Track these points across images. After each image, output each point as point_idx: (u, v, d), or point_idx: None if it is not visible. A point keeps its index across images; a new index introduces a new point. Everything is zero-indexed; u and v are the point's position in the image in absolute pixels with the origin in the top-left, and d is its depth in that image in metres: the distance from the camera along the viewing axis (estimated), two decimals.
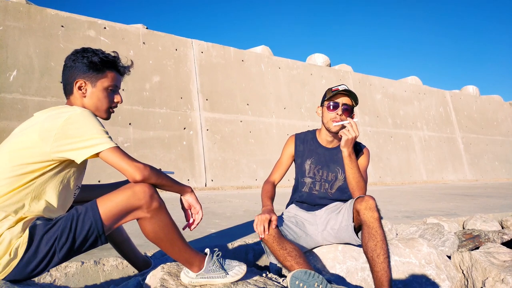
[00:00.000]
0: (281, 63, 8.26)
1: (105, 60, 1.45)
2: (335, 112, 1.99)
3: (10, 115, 5.02)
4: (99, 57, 1.44)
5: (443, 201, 5.09)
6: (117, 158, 1.27)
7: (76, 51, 1.45)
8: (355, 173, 1.92)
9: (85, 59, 1.42)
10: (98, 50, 1.46)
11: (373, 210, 1.74)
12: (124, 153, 1.30)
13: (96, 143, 1.26)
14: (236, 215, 3.48)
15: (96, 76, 1.43)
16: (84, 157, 1.26)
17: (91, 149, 1.25)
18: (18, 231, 1.21)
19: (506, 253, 2.20)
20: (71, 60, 1.43)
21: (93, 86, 1.44)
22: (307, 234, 1.99)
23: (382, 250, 1.69)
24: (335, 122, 1.99)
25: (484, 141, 11.79)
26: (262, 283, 1.58)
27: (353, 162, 1.91)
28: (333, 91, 2.00)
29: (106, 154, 1.26)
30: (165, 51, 6.72)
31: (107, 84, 1.46)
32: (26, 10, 5.53)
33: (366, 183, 2.03)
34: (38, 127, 1.27)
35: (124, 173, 1.28)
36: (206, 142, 6.67)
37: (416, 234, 2.85)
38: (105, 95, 1.46)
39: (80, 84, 1.42)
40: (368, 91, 9.64)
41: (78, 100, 1.43)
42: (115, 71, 1.49)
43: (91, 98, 1.44)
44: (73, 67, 1.42)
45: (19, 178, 1.25)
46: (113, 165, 1.28)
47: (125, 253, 1.79)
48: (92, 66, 1.42)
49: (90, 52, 1.44)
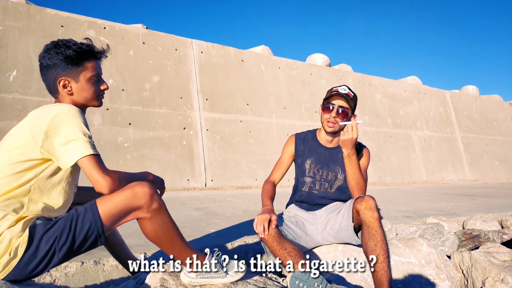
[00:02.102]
0: (281, 63, 8.26)
1: (80, 51, 1.40)
2: (330, 114, 2.00)
3: (10, 115, 5.02)
4: (73, 49, 1.38)
5: (443, 201, 5.09)
6: (90, 167, 1.25)
7: (48, 48, 1.39)
8: (355, 173, 1.92)
9: (60, 55, 1.37)
10: (70, 42, 1.40)
11: (373, 210, 1.74)
12: (98, 162, 1.27)
13: (75, 149, 1.24)
14: (236, 215, 3.48)
15: (76, 70, 1.39)
16: (66, 166, 1.27)
17: (70, 157, 1.24)
18: (18, 231, 1.21)
19: (506, 253, 2.20)
20: (46, 58, 1.38)
21: (77, 81, 1.40)
22: (307, 234, 1.99)
23: (382, 250, 1.69)
24: (330, 122, 2.00)
25: (484, 141, 11.80)
26: (262, 283, 1.58)
27: (352, 163, 1.91)
28: (332, 92, 2.01)
29: (82, 161, 1.25)
30: (165, 51, 6.71)
31: (89, 75, 1.42)
32: (26, 10, 5.53)
33: (366, 183, 2.03)
34: (29, 125, 1.28)
35: (93, 183, 1.27)
36: (206, 142, 6.67)
37: (416, 234, 2.85)
38: (90, 85, 1.43)
39: (64, 83, 1.39)
40: (368, 91, 9.64)
41: (66, 98, 1.41)
42: (93, 60, 1.44)
43: (78, 93, 1.41)
44: (50, 65, 1.37)
45: (17, 176, 1.25)
46: (85, 172, 1.27)
47: (118, 255, 1.78)
48: (69, 61, 1.38)
49: (62, 47, 1.38)
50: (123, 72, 6.05)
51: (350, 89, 2.02)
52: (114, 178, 1.29)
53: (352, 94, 2.01)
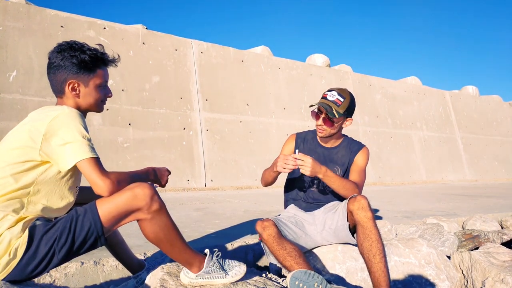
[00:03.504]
0: (280, 63, 8.26)
1: (95, 58, 1.42)
2: (317, 121, 2.02)
3: (9, 115, 5.02)
4: (88, 55, 1.39)
5: (442, 201, 5.09)
6: (89, 170, 1.25)
7: (62, 48, 1.39)
8: (338, 186, 1.88)
9: (74, 58, 1.37)
10: (84, 46, 1.42)
11: (366, 209, 1.73)
12: (97, 165, 1.27)
13: (74, 151, 1.24)
14: (236, 216, 3.48)
15: (88, 75, 1.41)
16: (65, 169, 1.26)
17: (69, 160, 1.24)
18: (18, 231, 1.21)
19: (505, 253, 2.20)
20: (58, 58, 1.38)
21: (86, 86, 1.41)
22: (307, 234, 1.99)
23: (377, 250, 1.68)
24: (319, 129, 2.03)
25: (483, 141, 11.79)
26: (262, 283, 1.58)
27: (331, 179, 1.85)
28: (322, 97, 2.01)
29: (81, 163, 1.25)
30: (165, 52, 6.72)
31: (98, 82, 1.44)
32: (26, 10, 5.53)
33: (363, 182, 2.02)
34: (29, 126, 1.27)
35: (92, 186, 1.27)
36: (206, 142, 6.67)
37: (416, 234, 2.85)
38: (98, 92, 1.45)
39: (73, 86, 1.39)
40: (368, 91, 9.64)
41: (71, 100, 1.41)
42: (104, 67, 1.47)
43: (85, 97, 1.42)
44: (62, 66, 1.37)
45: (17, 177, 1.25)
46: (84, 175, 1.27)
47: (119, 255, 1.78)
48: (83, 65, 1.39)
49: (78, 50, 1.39)
50: (123, 72, 6.05)
51: (340, 95, 1.97)
52: (113, 181, 1.28)
53: (341, 101, 1.96)
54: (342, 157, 2.10)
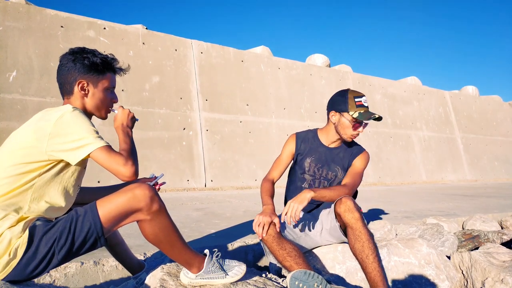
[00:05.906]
0: (280, 63, 8.26)
1: (105, 61, 1.47)
2: (358, 130, 1.99)
3: (9, 115, 5.02)
4: (99, 58, 1.45)
5: (442, 201, 5.09)
6: (105, 157, 1.27)
7: (74, 51, 1.45)
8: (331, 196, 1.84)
9: (86, 60, 1.43)
10: (96, 51, 1.48)
11: (353, 210, 1.72)
12: (112, 151, 1.29)
13: (86, 143, 1.26)
14: (235, 216, 3.48)
15: (97, 77, 1.46)
16: (77, 160, 1.27)
17: (82, 150, 1.26)
18: (19, 231, 1.21)
19: (505, 253, 2.20)
20: (70, 60, 1.43)
21: (95, 87, 1.46)
22: (307, 234, 1.99)
23: (370, 250, 1.68)
24: (354, 135, 2.01)
25: (483, 141, 11.80)
26: (262, 283, 1.58)
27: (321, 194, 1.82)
28: (361, 105, 1.96)
29: (95, 154, 1.26)
30: (165, 52, 6.72)
31: (107, 85, 1.49)
32: (26, 10, 5.53)
33: (356, 185, 2.01)
34: (33, 127, 1.28)
35: (114, 174, 1.28)
36: (206, 143, 6.67)
37: (416, 234, 2.85)
38: (105, 95, 1.49)
39: (82, 85, 1.43)
40: (368, 91, 9.64)
41: (78, 100, 1.44)
42: (113, 73, 1.52)
43: (92, 98, 1.46)
44: (73, 67, 1.42)
45: (19, 177, 1.25)
46: (102, 164, 1.28)
47: (119, 256, 1.78)
48: (94, 67, 1.44)
49: (90, 53, 1.45)
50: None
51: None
52: (132, 163, 1.30)
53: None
54: (343, 158, 2.10)
